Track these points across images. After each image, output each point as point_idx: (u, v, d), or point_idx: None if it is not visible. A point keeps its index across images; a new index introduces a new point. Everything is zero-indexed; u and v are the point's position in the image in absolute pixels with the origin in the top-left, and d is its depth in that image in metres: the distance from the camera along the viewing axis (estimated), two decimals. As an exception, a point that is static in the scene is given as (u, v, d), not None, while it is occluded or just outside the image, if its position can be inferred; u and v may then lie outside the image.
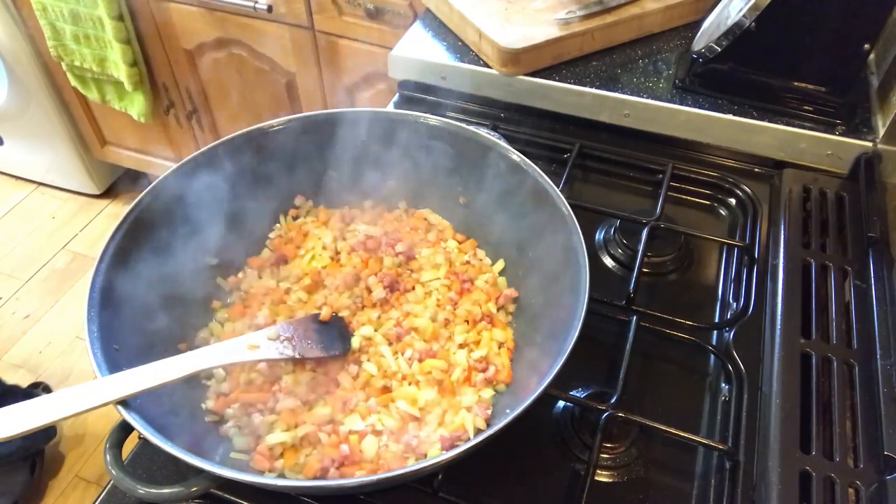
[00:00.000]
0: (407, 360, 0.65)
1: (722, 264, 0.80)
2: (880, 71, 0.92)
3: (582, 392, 0.66)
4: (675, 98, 0.90)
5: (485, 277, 0.73)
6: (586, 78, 0.93)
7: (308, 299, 0.71)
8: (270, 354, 0.62)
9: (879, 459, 0.57)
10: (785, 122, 0.86)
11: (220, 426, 0.62)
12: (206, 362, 0.58)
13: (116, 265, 0.60)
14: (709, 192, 0.88)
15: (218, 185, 0.68)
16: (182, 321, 0.66)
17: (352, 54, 1.55)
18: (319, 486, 0.56)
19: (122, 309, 0.58)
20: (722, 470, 0.61)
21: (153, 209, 0.64)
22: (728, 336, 0.71)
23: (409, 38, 0.99)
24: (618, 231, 0.81)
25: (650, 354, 0.71)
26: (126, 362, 0.54)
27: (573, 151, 0.88)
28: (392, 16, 1.42)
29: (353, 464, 0.58)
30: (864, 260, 0.73)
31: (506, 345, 0.68)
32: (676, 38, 1.00)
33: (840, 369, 0.64)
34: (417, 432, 0.60)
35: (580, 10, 0.94)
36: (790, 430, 0.60)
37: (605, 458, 0.62)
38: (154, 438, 0.48)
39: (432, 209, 0.78)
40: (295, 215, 0.78)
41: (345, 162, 0.75)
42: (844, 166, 0.85)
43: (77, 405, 0.50)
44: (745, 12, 0.82)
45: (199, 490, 0.50)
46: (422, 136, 0.73)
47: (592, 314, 0.57)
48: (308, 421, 0.61)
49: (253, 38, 1.64)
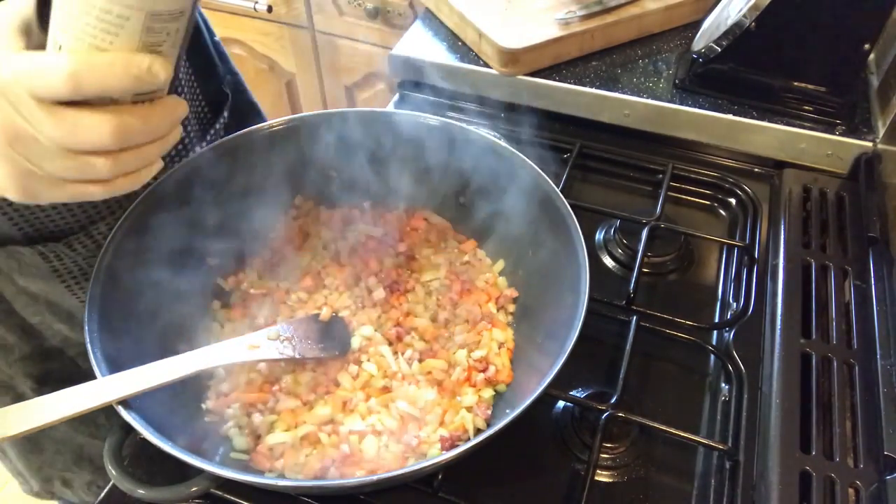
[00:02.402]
0: (407, 360, 0.65)
1: (722, 264, 0.80)
2: (880, 71, 0.92)
3: (582, 392, 0.66)
4: (675, 98, 0.90)
5: (485, 277, 0.73)
6: (586, 78, 0.93)
7: (308, 299, 0.71)
8: (270, 354, 0.62)
9: (879, 459, 0.57)
10: (785, 122, 0.86)
11: (220, 426, 0.62)
12: (206, 362, 0.58)
13: (116, 265, 0.60)
14: (709, 192, 0.88)
15: (218, 185, 0.68)
16: (182, 321, 0.66)
17: (352, 54, 1.55)
18: (319, 486, 0.56)
19: (121, 309, 0.58)
20: (722, 470, 0.61)
21: (152, 209, 0.64)
22: (728, 336, 0.71)
23: (409, 38, 0.99)
24: (618, 231, 0.81)
25: (650, 354, 0.71)
26: (126, 362, 0.54)
27: (573, 151, 0.88)
28: (392, 16, 1.42)
29: (353, 464, 0.58)
30: (864, 260, 0.73)
31: (506, 345, 0.68)
32: (676, 38, 1.00)
33: (840, 369, 0.64)
34: (417, 432, 0.60)
35: (580, 10, 0.94)
36: (790, 430, 0.60)
37: (605, 458, 0.62)
38: (154, 438, 0.48)
39: (432, 209, 0.78)
40: (295, 215, 0.78)
41: (345, 162, 0.75)
42: (844, 166, 0.86)
43: (77, 405, 0.50)
44: (745, 12, 0.82)
45: (199, 490, 0.50)
46: (422, 137, 0.73)
47: (592, 314, 0.57)
48: (308, 421, 0.61)
49: (253, 38, 1.64)
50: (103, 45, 0.38)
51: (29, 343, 0.73)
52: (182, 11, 0.40)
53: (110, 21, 0.38)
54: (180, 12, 0.40)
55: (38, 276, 0.68)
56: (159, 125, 0.43)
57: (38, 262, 0.66)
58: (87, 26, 0.38)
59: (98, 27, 0.38)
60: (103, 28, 0.38)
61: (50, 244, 0.66)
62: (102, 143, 0.40)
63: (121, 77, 0.39)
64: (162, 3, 0.39)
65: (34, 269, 0.67)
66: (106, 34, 0.38)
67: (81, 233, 0.67)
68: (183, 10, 0.40)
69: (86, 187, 0.44)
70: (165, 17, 0.39)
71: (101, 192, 0.44)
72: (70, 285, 0.70)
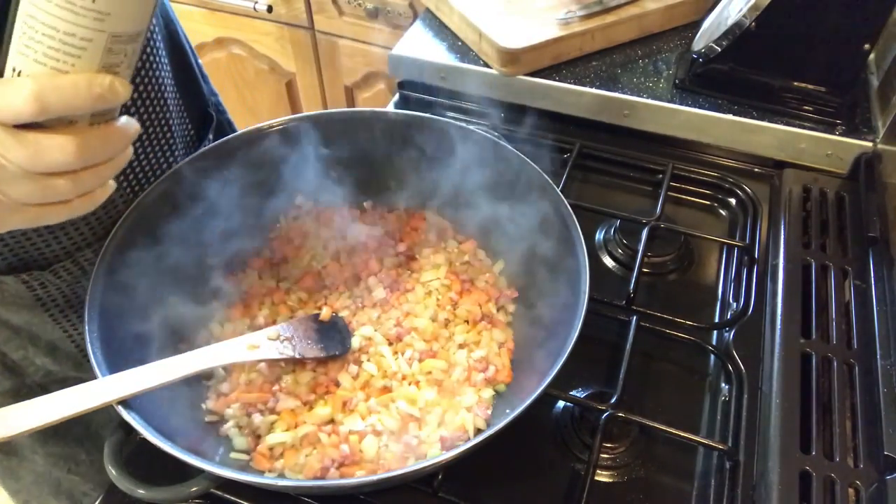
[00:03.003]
0: (407, 360, 0.65)
1: (722, 264, 0.80)
2: (880, 71, 0.92)
3: (582, 392, 0.66)
4: (675, 98, 0.90)
5: (485, 277, 0.73)
6: (586, 78, 0.93)
7: (308, 299, 0.71)
8: (270, 354, 0.62)
9: (879, 459, 0.57)
10: (785, 122, 0.86)
11: (220, 426, 0.62)
12: (206, 362, 0.58)
13: (115, 265, 0.60)
14: (709, 192, 0.88)
15: (218, 185, 0.68)
16: (182, 321, 0.66)
17: (352, 54, 1.55)
18: (319, 486, 0.56)
19: (121, 309, 0.58)
20: (722, 470, 0.61)
21: (152, 210, 0.64)
22: (728, 336, 0.71)
23: (409, 38, 0.99)
24: (618, 231, 0.81)
25: (650, 354, 0.71)
26: (126, 362, 0.54)
27: (573, 151, 0.88)
28: (392, 16, 1.42)
29: (353, 464, 0.58)
30: (864, 260, 0.73)
31: (506, 345, 0.68)
32: (676, 38, 1.00)
33: (840, 369, 0.64)
34: (417, 432, 0.61)
35: (580, 10, 0.94)
36: (790, 430, 0.60)
37: (605, 458, 0.62)
38: (154, 438, 0.48)
39: (432, 209, 0.78)
40: (295, 215, 0.78)
41: (345, 162, 0.75)
42: (844, 166, 0.86)
43: (77, 405, 0.50)
44: (745, 12, 0.82)
45: (199, 490, 0.50)
46: (422, 136, 0.73)
47: (592, 314, 0.57)
48: (308, 421, 0.61)
49: (253, 38, 1.64)
50: (65, 67, 0.39)
51: (10, 379, 0.72)
52: (140, 33, 0.41)
53: (73, 44, 0.39)
54: (138, 34, 0.41)
55: (21, 305, 0.67)
56: (117, 144, 0.44)
57: (21, 292, 0.66)
58: (50, 49, 0.39)
59: (61, 50, 0.39)
60: (66, 51, 0.39)
61: (35, 272, 0.65)
62: (68, 162, 0.41)
63: (85, 97, 0.40)
64: (123, 24, 0.40)
65: (18, 299, 0.66)
66: (69, 56, 0.39)
67: (67, 259, 0.66)
68: (140, 32, 0.41)
69: (47, 210, 0.44)
70: (124, 39, 0.40)
71: (61, 215, 0.45)
72: (54, 314, 0.69)
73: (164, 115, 0.69)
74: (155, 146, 0.69)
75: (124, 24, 0.40)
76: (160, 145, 0.70)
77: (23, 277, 0.65)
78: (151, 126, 0.68)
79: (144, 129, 0.67)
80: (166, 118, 0.70)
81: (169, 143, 0.71)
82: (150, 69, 0.66)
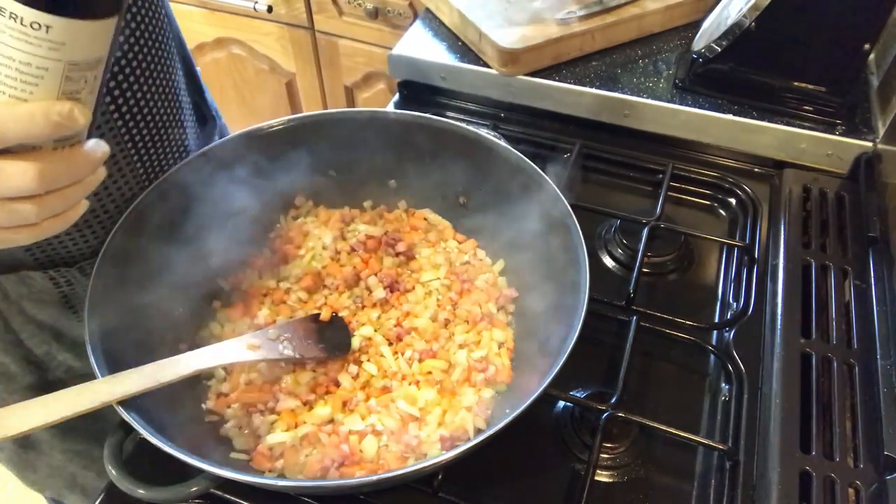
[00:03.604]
0: (407, 360, 0.65)
1: (722, 264, 0.80)
2: (880, 71, 0.92)
3: (582, 392, 0.66)
4: (675, 98, 0.90)
5: (485, 277, 0.73)
6: (586, 78, 0.93)
7: (308, 299, 0.71)
8: (270, 354, 0.62)
9: (879, 459, 0.57)
10: (785, 122, 0.86)
11: (220, 426, 0.62)
12: (206, 362, 0.58)
13: (115, 265, 0.60)
14: (709, 192, 0.88)
15: (218, 184, 0.68)
16: (182, 321, 0.66)
17: (352, 54, 1.55)
18: (319, 486, 0.56)
19: (121, 308, 0.58)
20: (722, 470, 0.61)
21: (152, 209, 0.64)
22: (728, 336, 0.71)
23: (409, 38, 0.99)
24: (618, 231, 0.81)
25: (650, 354, 0.71)
26: (126, 362, 0.54)
27: (573, 151, 0.88)
28: (392, 16, 1.42)
29: (353, 464, 0.58)
30: (864, 260, 0.73)
31: (506, 345, 0.68)
32: (676, 38, 1.00)
33: (840, 369, 0.64)
34: (417, 432, 0.61)
35: (580, 10, 0.94)
36: (790, 430, 0.60)
37: (605, 458, 0.62)
38: (154, 438, 0.48)
39: (432, 209, 0.78)
40: (295, 215, 0.78)
41: (345, 162, 0.75)
42: (844, 166, 0.86)
43: (77, 405, 0.49)
44: (745, 12, 0.82)
45: (199, 490, 0.50)
46: (422, 136, 0.73)
47: (592, 314, 0.57)
48: (308, 421, 0.61)
49: (253, 38, 1.64)
50: (23, 95, 0.39)
51: (33, 374, 0.73)
52: (100, 59, 0.41)
53: (30, 73, 0.38)
54: (98, 60, 0.41)
55: (48, 301, 0.68)
56: (82, 168, 0.44)
57: (48, 288, 0.67)
58: (7, 78, 0.38)
59: (18, 79, 0.38)
60: (23, 80, 0.39)
61: (62, 269, 0.66)
62: (28, 188, 0.41)
63: (42, 125, 0.39)
64: (80, 52, 0.39)
65: (45, 296, 0.68)
66: (26, 85, 0.39)
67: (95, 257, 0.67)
68: (101, 58, 0.41)
69: (14, 233, 0.44)
70: (83, 66, 0.40)
71: (29, 237, 0.45)
72: (79, 312, 0.70)
73: (179, 117, 0.70)
74: (172, 147, 0.70)
75: (81, 52, 0.39)
76: (176, 145, 0.71)
77: (50, 274, 0.66)
78: (169, 127, 0.69)
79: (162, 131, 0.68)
80: (181, 119, 0.71)
81: (184, 143, 0.73)
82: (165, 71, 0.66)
